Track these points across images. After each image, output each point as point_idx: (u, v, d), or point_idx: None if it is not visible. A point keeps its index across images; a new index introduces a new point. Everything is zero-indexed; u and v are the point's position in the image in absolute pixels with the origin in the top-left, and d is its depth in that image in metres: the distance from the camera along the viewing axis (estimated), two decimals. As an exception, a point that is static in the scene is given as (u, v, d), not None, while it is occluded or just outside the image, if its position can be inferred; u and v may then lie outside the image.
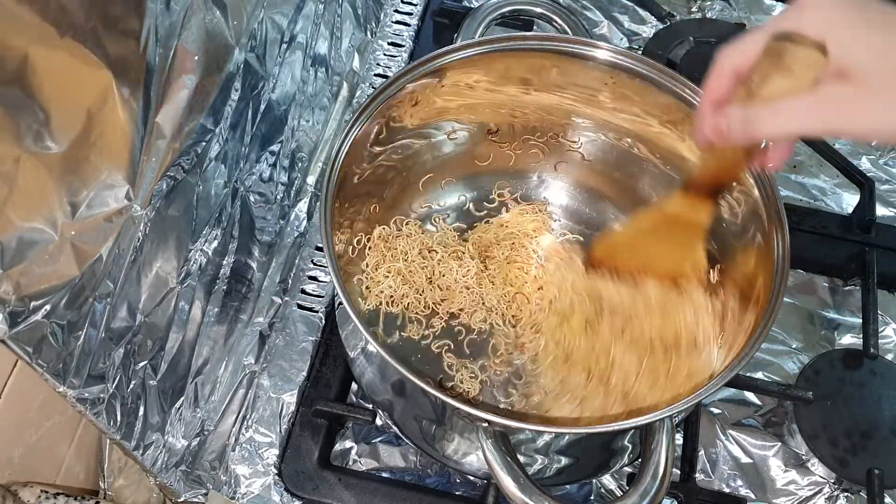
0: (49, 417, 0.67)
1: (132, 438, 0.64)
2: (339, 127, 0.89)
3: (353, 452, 0.75)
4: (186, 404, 0.71)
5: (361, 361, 0.68)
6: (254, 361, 0.77)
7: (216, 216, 0.69)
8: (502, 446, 0.55)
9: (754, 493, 0.74)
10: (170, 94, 0.57)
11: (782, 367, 0.80)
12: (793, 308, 0.84)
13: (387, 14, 0.99)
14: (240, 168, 0.71)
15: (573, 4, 1.02)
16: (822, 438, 0.74)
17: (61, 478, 0.71)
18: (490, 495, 0.69)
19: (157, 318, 0.64)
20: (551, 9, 0.77)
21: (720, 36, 0.94)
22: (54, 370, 0.52)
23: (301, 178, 0.85)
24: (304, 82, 0.81)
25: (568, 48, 0.71)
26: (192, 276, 0.67)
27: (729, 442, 0.76)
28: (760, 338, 0.58)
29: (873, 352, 0.77)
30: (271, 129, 0.76)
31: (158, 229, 0.60)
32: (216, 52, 0.62)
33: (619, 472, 0.73)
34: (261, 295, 0.80)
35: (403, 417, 0.68)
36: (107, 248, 0.54)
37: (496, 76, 0.73)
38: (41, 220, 0.48)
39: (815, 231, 0.86)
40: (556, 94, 0.75)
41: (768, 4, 1.04)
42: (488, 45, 0.70)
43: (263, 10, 0.68)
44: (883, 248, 0.84)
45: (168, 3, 0.54)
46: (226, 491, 0.71)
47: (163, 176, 0.59)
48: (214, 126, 0.65)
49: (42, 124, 0.46)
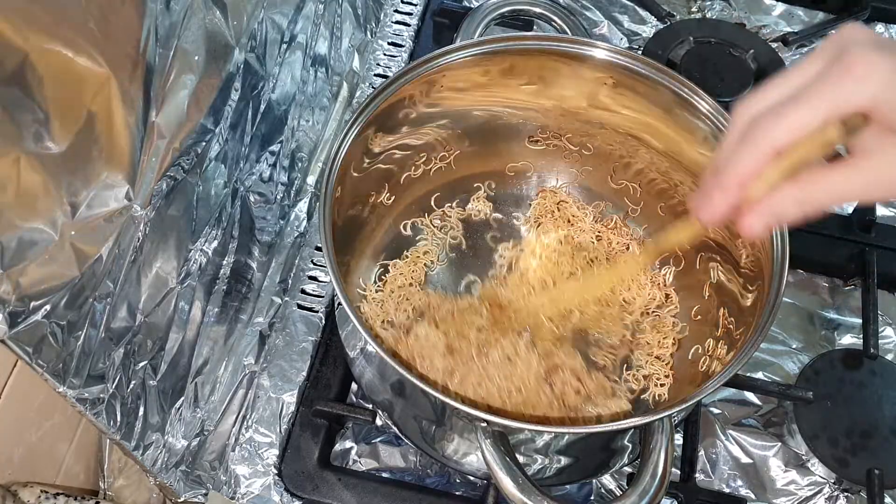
0: (49, 417, 0.67)
1: (132, 438, 0.64)
2: (339, 127, 0.89)
3: (353, 452, 0.75)
4: (186, 404, 0.71)
5: (361, 361, 0.68)
6: (254, 361, 0.77)
7: (216, 216, 0.69)
8: (501, 446, 0.55)
9: (754, 494, 0.74)
10: (170, 94, 0.57)
11: (782, 367, 0.80)
12: (793, 308, 0.84)
13: (387, 14, 0.99)
14: (240, 168, 0.71)
15: (573, 4, 1.02)
16: (822, 438, 0.74)
17: (61, 478, 0.71)
18: (490, 495, 0.69)
19: (157, 318, 0.64)
20: (551, 9, 0.77)
21: (720, 36, 0.94)
22: (54, 370, 0.52)
23: (301, 178, 0.85)
24: (304, 82, 0.81)
25: (567, 48, 0.71)
26: (192, 276, 0.67)
27: (729, 442, 0.76)
28: (760, 338, 0.58)
29: (873, 352, 0.77)
30: (271, 129, 0.76)
31: (158, 229, 0.60)
32: (216, 52, 0.62)
33: (618, 472, 0.73)
34: (261, 295, 0.80)
35: (403, 417, 0.68)
36: (107, 248, 0.54)
37: (495, 76, 0.73)
38: (41, 220, 0.48)
39: (815, 231, 0.86)
40: (556, 94, 0.75)
41: (768, 4, 1.04)
42: (488, 45, 0.70)
43: (263, 10, 0.69)
44: (883, 248, 0.84)
45: (168, 3, 0.54)
46: (226, 491, 0.71)
47: (163, 176, 0.59)
48: (214, 126, 0.65)
49: (42, 124, 0.46)
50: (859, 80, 0.42)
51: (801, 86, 0.44)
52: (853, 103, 0.42)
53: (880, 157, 0.43)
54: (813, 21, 1.03)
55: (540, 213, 0.82)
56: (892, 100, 0.41)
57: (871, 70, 0.41)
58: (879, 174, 0.43)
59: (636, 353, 0.75)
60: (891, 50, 0.42)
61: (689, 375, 0.72)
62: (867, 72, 0.42)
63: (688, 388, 0.70)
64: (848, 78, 0.42)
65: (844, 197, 0.46)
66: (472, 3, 1.01)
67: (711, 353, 0.71)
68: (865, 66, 0.42)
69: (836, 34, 0.44)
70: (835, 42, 0.44)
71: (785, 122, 0.44)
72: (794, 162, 0.45)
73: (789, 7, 1.04)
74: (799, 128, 0.43)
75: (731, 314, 0.69)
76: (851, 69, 0.42)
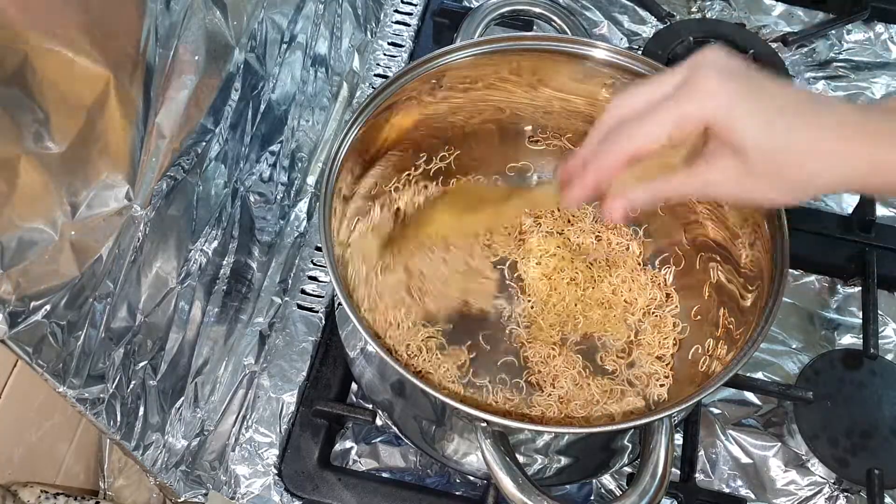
0: (49, 417, 0.67)
1: (132, 438, 0.64)
2: (339, 127, 0.89)
3: (353, 452, 0.75)
4: (186, 404, 0.71)
5: (361, 361, 0.69)
6: (254, 361, 0.77)
7: (216, 216, 0.69)
8: (501, 446, 0.55)
9: (754, 494, 0.74)
10: (170, 94, 0.57)
11: (782, 367, 0.80)
12: (793, 308, 0.84)
13: (387, 14, 0.99)
14: (240, 168, 0.71)
15: (573, 4, 1.02)
16: (822, 438, 0.74)
17: (61, 478, 0.71)
18: (490, 495, 0.69)
19: (157, 318, 0.64)
20: (550, 9, 0.76)
21: (720, 36, 0.94)
22: (54, 370, 0.52)
23: (301, 178, 0.85)
24: (304, 82, 0.81)
25: (567, 48, 0.71)
26: (192, 276, 0.67)
27: (729, 442, 0.76)
28: (760, 338, 0.58)
29: (873, 352, 0.77)
30: (271, 129, 0.76)
31: (158, 229, 0.60)
32: (216, 52, 0.62)
33: (618, 472, 0.73)
34: (261, 295, 0.80)
35: (403, 417, 0.68)
36: (107, 248, 0.54)
37: (495, 77, 0.73)
38: (41, 220, 0.48)
39: (815, 231, 0.86)
40: (556, 94, 0.75)
41: (768, 4, 1.04)
42: (488, 45, 0.70)
43: (263, 10, 0.69)
44: (883, 248, 0.84)
45: (168, 3, 0.54)
46: (226, 491, 0.71)
47: (163, 176, 0.59)
48: (214, 126, 0.65)
49: (42, 124, 0.46)
50: (703, 99, 0.49)
51: (659, 97, 0.51)
52: (695, 119, 0.49)
53: (713, 164, 0.51)
54: (813, 21, 1.03)
55: (539, 214, 0.82)
56: (725, 117, 0.48)
57: (714, 91, 0.48)
58: (711, 177, 0.51)
59: (636, 353, 0.75)
60: (736, 76, 0.49)
61: (689, 375, 0.72)
62: (710, 93, 0.48)
63: (688, 388, 0.70)
64: (694, 97, 0.49)
65: (686, 194, 0.55)
66: (472, 3, 1.01)
67: (711, 353, 0.71)
68: (709, 88, 0.48)
69: (697, 54, 0.51)
70: (693, 61, 0.50)
71: (638, 133, 0.51)
72: (647, 165, 0.53)
73: (789, 7, 1.04)
74: (650, 140, 0.51)
75: (731, 314, 0.69)
76: (697, 89, 0.49)
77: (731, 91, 0.48)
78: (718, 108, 0.48)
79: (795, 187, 0.50)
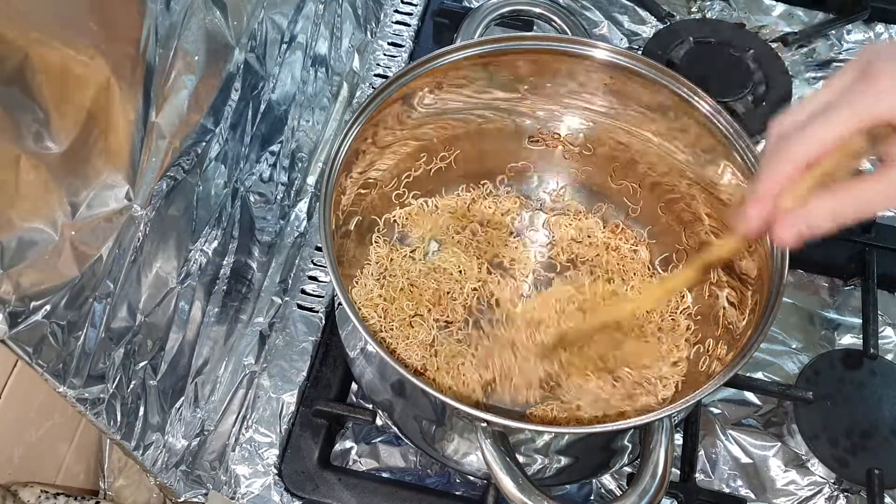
0: (49, 417, 0.67)
1: (132, 438, 0.64)
2: (339, 127, 0.89)
3: (353, 452, 0.75)
4: (186, 404, 0.71)
5: (361, 361, 0.68)
6: (254, 361, 0.77)
7: (216, 216, 0.69)
8: (501, 446, 0.55)
9: (754, 494, 0.74)
10: (170, 94, 0.57)
11: (782, 367, 0.80)
12: (793, 308, 0.84)
13: (387, 14, 0.99)
14: (240, 168, 0.71)
15: (573, 4, 1.02)
16: (822, 438, 0.74)
17: (61, 478, 0.71)
18: (490, 495, 0.69)
19: (157, 318, 0.64)
20: (551, 9, 0.76)
21: (720, 36, 0.94)
22: (54, 370, 0.52)
23: (301, 178, 0.85)
24: (304, 82, 0.81)
25: (567, 48, 0.71)
26: (192, 276, 0.67)
27: (729, 442, 0.76)
28: (760, 338, 0.58)
29: (873, 352, 0.77)
30: (271, 129, 0.76)
31: (158, 229, 0.60)
32: (216, 52, 0.62)
33: (618, 472, 0.73)
34: (261, 295, 0.80)
35: (403, 417, 0.68)
36: (107, 248, 0.54)
37: (496, 76, 0.73)
38: (41, 220, 0.48)
39: (815, 231, 0.85)
40: (556, 94, 0.75)
41: (768, 4, 1.04)
42: (488, 45, 0.70)
43: (263, 10, 0.69)
44: (883, 248, 0.84)
45: (168, 3, 0.54)
46: (226, 491, 0.71)
47: (163, 176, 0.59)
48: (214, 126, 0.65)
49: (42, 124, 0.46)
50: (882, 93, 0.44)
51: (828, 101, 0.46)
52: (876, 115, 0.44)
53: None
54: (813, 21, 1.03)
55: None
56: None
57: (894, 83, 0.43)
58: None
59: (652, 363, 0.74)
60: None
61: (689, 375, 0.72)
62: (890, 85, 0.43)
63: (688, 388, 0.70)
64: (871, 91, 0.44)
65: (874, 206, 0.47)
66: (472, 3, 1.01)
67: (711, 353, 0.71)
68: (888, 79, 0.43)
69: (864, 50, 0.46)
70: (861, 57, 0.46)
71: (813, 135, 0.46)
72: (824, 173, 0.47)
73: (789, 7, 1.04)
74: (827, 140, 0.45)
75: (731, 314, 0.69)
76: (875, 82, 0.44)
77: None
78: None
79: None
